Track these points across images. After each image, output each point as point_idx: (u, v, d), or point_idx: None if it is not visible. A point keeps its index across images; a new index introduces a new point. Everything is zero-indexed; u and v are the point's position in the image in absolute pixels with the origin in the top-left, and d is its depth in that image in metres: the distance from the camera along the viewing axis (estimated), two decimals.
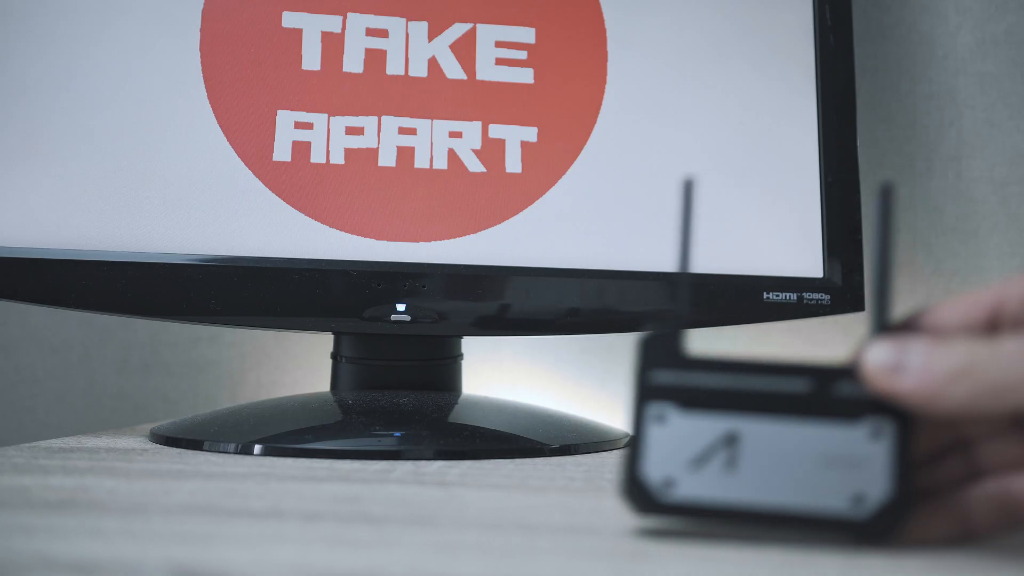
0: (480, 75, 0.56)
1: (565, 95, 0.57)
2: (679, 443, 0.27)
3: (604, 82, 0.57)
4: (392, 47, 0.56)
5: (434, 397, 0.55)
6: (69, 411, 0.74)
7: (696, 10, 0.59)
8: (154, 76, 0.54)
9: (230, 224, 0.53)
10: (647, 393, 0.28)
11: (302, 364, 0.75)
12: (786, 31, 0.59)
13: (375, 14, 0.56)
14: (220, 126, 0.54)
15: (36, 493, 0.33)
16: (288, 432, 0.49)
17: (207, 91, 0.54)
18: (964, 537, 0.27)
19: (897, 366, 0.26)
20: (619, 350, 0.73)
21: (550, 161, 0.56)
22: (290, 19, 0.55)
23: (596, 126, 0.57)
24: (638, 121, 0.57)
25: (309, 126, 0.55)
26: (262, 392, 0.74)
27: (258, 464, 0.43)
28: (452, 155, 0.55)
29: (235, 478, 0.38)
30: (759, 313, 0.57)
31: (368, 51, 0.56)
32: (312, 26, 0.56)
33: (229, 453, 0.47)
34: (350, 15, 0.56)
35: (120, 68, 0.54)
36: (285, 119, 0.54)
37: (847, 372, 0.27)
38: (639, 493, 0.27)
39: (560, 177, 0.56)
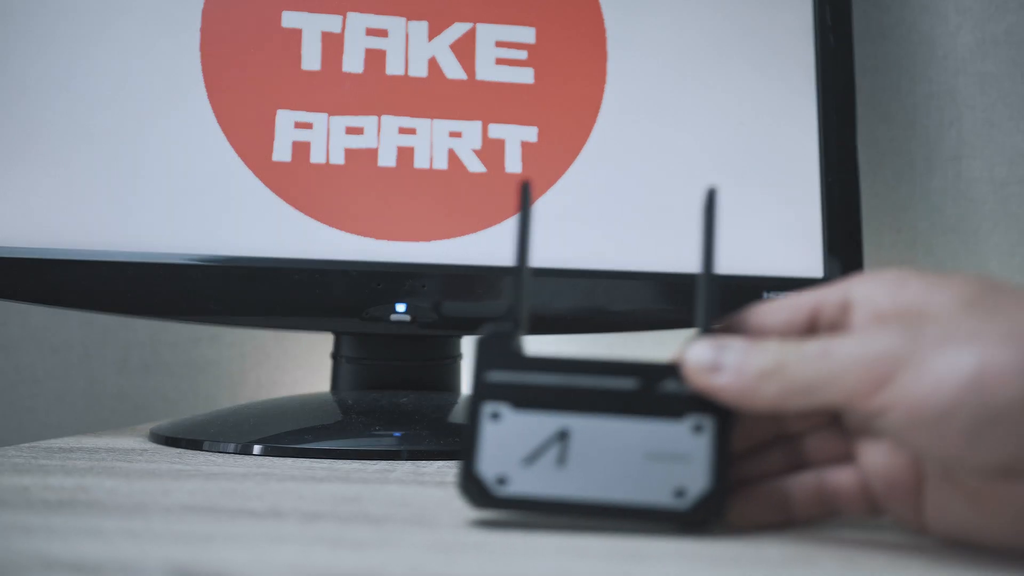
0: (480, 75, 0.56)
1: (565, 95, 0.57)
2: (513, 440, 0.29)
3: (604, 82, 0.57)
4: (392, 47, 0.56)
5: (434, 397, 0.55)
6: (69, 411, 0.74)
7: (696, 10, 0.59)
8: (154, 76, 0.54)
9: (230, 224, 0.53)
10: (482, 392, 0.29)
11: (302, 364, 0.75)
12: (786, 31, 0.59)
13: (375, 13, 0.56)
14: (220, 126, 0.54)
15: (36, 493, 0.33)
16: (288, 432, 0.49)
17: (207, 91, 0.54)
18: (785, 524, 0.29)
19: (714, 365, 0.27)
20: (619, 350, 0.73)
21: (550, 161, 0.56)
22: (290, 19, 0.55)
23: (596, 126, 0.57)
24: (638, 121, 0.57)
25: (309, 126, 0.55)
26: (262, 392, 0.74)
27: (258, 464, 0.43)
28: (452, 155, 0.55)
29: (235, 478, 0.38)
30: None
31: (368, 51, 0.56)
32: (312, 26, 0.56)
33: (229, 453, 0.47)
34: (350, 14, 0.56)
35: (120, 68, 0.54)
36: (285, 119, 0.55)
37: (672, 371, 0.29)
38: (474, 489, 0.28)
39: (560, 177, 0.56)
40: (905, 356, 0.24)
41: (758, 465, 0.30)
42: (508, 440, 0.29)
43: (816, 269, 0.57)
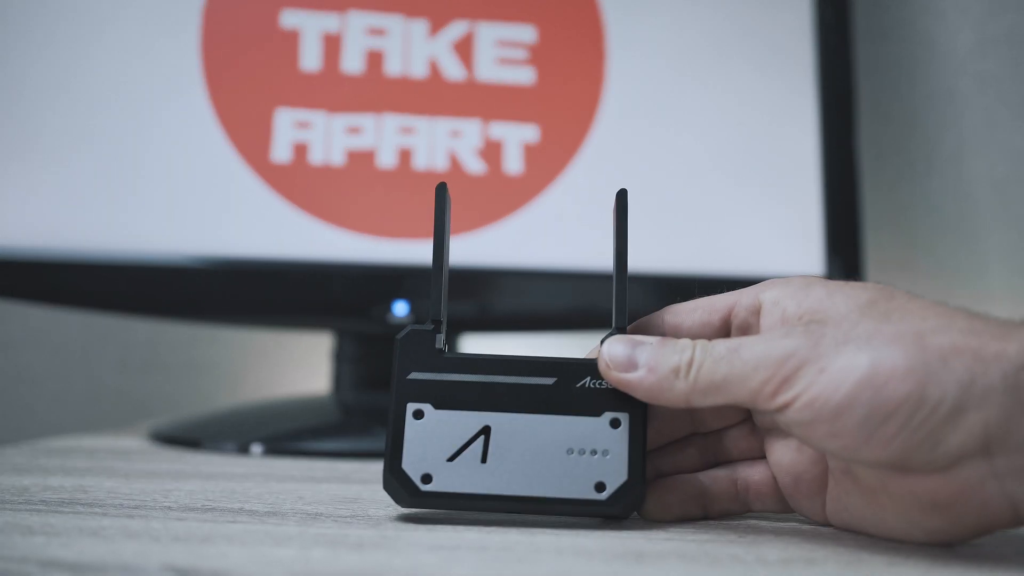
0: (481, 74, 0.56)
1: (564, 95, 0.57)
2: (436, 439, 0.29)
3: (603, 81, 0.58)
4: (391, 46, 0.56)
5: None
6: (69, 411, 0.74)
7: (696, 10, 0.59)
8: (154, 76, 0.54)
9: (230, 224, 0.53)
10: (404, 392, 0.30)
11: (302, 364, 0.75)
12: (786, 31, 0.60)
13: (374, 11, 0.56)
14: (221, 125, 0.54)
15: (36, 493, 0.33)
16: (288, 432, 0.49)
17: (208, 91, 0.54)
18: (702, 515, 0.31)
19: (629, 362, 0.28)
20: None
21: (549, 160, 0.56)
22: (290, 18, 0.55)
23: (595, 125, 0.57)
24: (637, 121, 0.57)
25: (310, 125, 0.55)
26: (262, 392, 0.74)
27: (258, 464, 0.43)
28: (452, 155, 0.55)
29: (235, 478, 0.38)
30: None
31: (368, 51, 0.56)
32: (312, 25, 0.56)
33: (228, 453, 0.47)
34: (350, 13, 0.56)
35: (120, 68, 0.54)
36: (286, 118, 0.55)
37: (589, 368, 0.30)
38: (400, 487, 0.29)
39: (558, 176, 0.56)
40: (806, 357, 0.26)
41: (676, 460, 0.32)
42: (431, 438, 0.29)
43: (816, 269, 0.57)
